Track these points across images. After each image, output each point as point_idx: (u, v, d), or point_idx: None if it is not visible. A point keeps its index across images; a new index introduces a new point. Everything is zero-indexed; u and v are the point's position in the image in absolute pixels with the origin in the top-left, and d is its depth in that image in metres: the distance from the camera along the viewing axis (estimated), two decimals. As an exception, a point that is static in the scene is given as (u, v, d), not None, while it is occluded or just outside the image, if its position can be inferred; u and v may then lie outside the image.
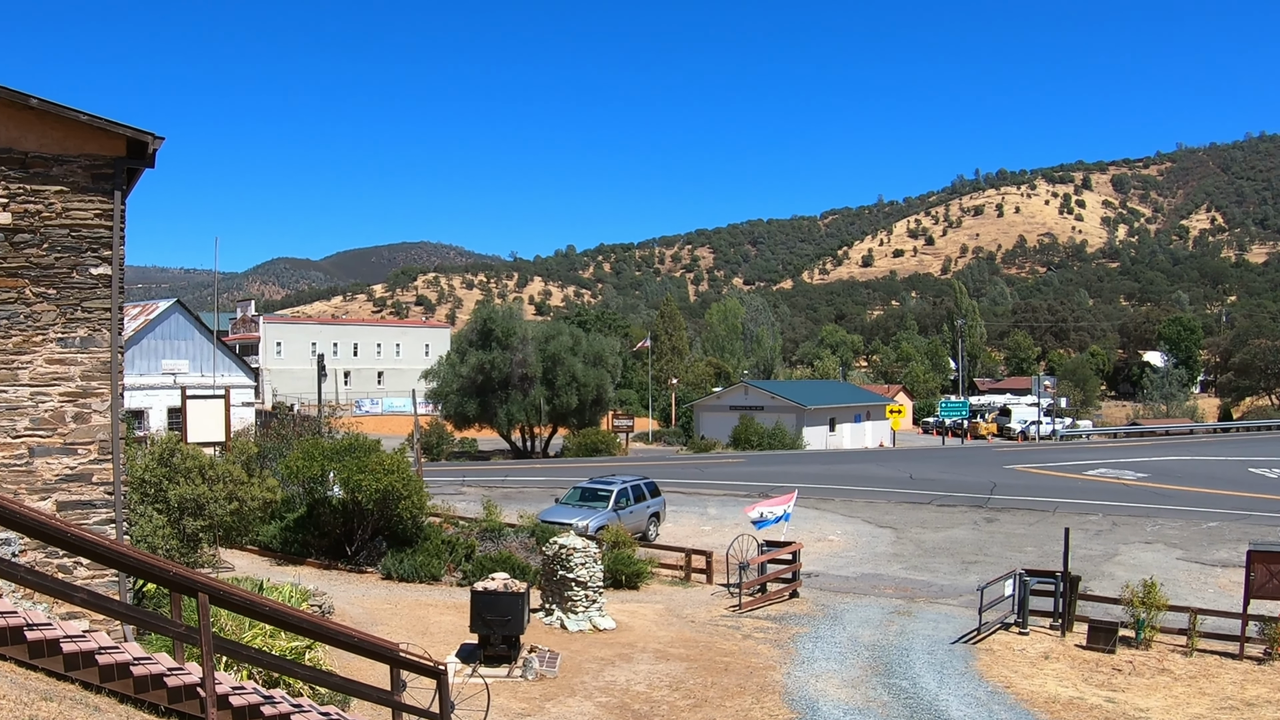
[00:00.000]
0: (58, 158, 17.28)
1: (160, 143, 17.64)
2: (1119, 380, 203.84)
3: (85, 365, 17.59)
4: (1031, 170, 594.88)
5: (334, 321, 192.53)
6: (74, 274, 17.47)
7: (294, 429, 52.45)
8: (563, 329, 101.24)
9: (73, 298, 17.46)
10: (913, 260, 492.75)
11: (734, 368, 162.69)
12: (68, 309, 17.44)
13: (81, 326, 17.54)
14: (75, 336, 17.50)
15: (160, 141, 17.62)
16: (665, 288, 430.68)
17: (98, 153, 17.41)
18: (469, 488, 60.76)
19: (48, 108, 16.99)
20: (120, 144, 17.56)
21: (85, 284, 17.52)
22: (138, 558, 11.57)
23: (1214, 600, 33.61)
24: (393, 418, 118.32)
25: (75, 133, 17.32)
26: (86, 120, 17.16)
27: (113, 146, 17.52)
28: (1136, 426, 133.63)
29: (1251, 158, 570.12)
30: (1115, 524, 49.70)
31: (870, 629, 29.76)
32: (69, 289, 17.42)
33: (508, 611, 23.29)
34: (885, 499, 58.52)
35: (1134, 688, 25.16)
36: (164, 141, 17.59)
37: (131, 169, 17.96)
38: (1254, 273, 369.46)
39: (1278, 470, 75.73)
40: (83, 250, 17.47)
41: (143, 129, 17.43)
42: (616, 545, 36.34)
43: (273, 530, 35.56)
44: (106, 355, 17.73)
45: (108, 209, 17.57)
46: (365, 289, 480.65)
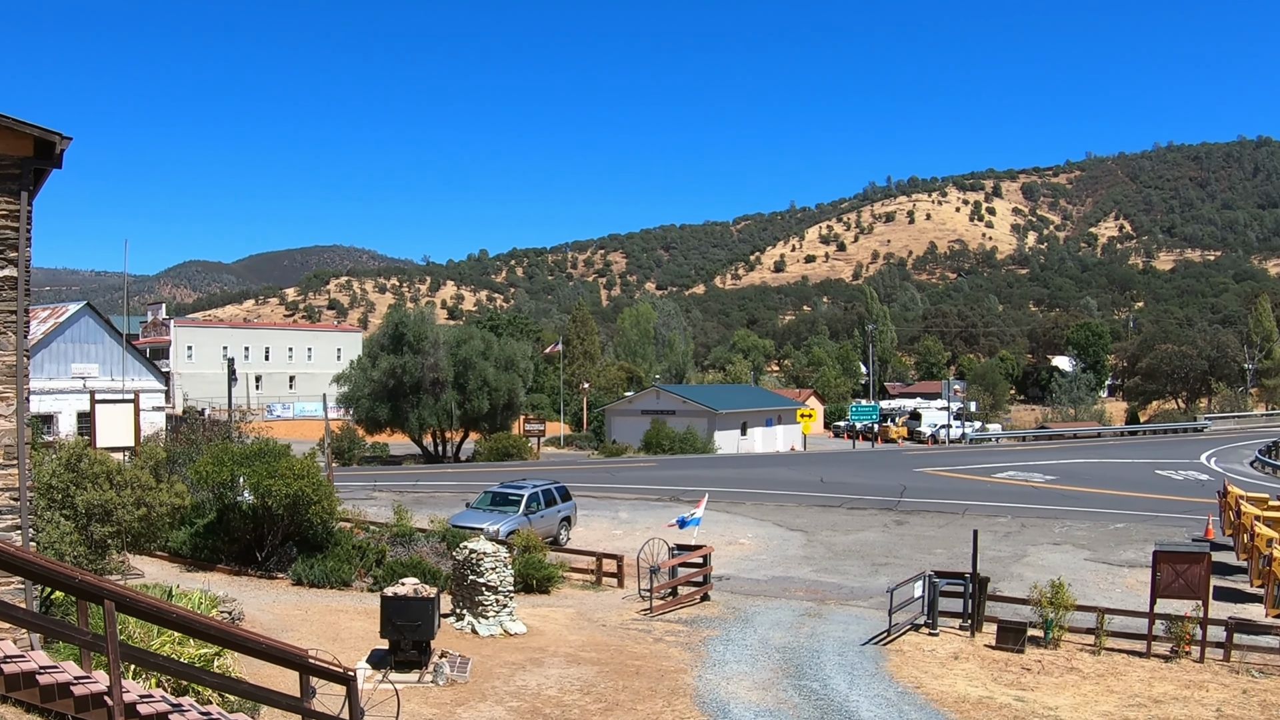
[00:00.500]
0: (-39, 158, 17.02)
1: (68, 143, 17.42)
2: (1028, 384, 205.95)
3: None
4: (943, 178, 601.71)
5: (246, 325, 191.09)
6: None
7: (204, 434, 51.94)
8: (474, 333, 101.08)
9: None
10: (825, 266, 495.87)
11: (646, 372, 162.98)
12: (-29, 312, 17.17)
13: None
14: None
15: (68, 142, 17.40)
16: (578, 292, 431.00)
17: (3, 153, 17.15)
18: (380, 493, 60.51)
19: (-49, 108, 16.71)
20: (27, 144, 17.32)
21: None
22: (43, 565, 11.46)
23: (1121, 600, 34.02)
24: (304, 422, 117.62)
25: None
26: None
27: (19, 146, 17.27)
28: (1045, 430, 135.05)
29: (1159, 167, 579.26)
30: (1024, 526, 50.22)
31: (781, 631, 29.87)
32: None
33: (418, 617, 23.17)
34: (796, 502, 58.79)
35: (1043, 686, 25.43)
36: (72, 141, 17.36)
37: (39, 169, 17.72)
38: (1161, 279, 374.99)
39: (1184, 472, 76.82)
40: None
41: (50, 129, 17.20)
42: (527, 550, 36.29)
43: (183, 536, 35.17)
44: (12, 359, 17.48)
45: (13, 210, 17.32)
46: (278, 292, 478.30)
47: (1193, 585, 28.90)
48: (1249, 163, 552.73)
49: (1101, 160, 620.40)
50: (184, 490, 28.42)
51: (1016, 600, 31.22)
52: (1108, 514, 53.84)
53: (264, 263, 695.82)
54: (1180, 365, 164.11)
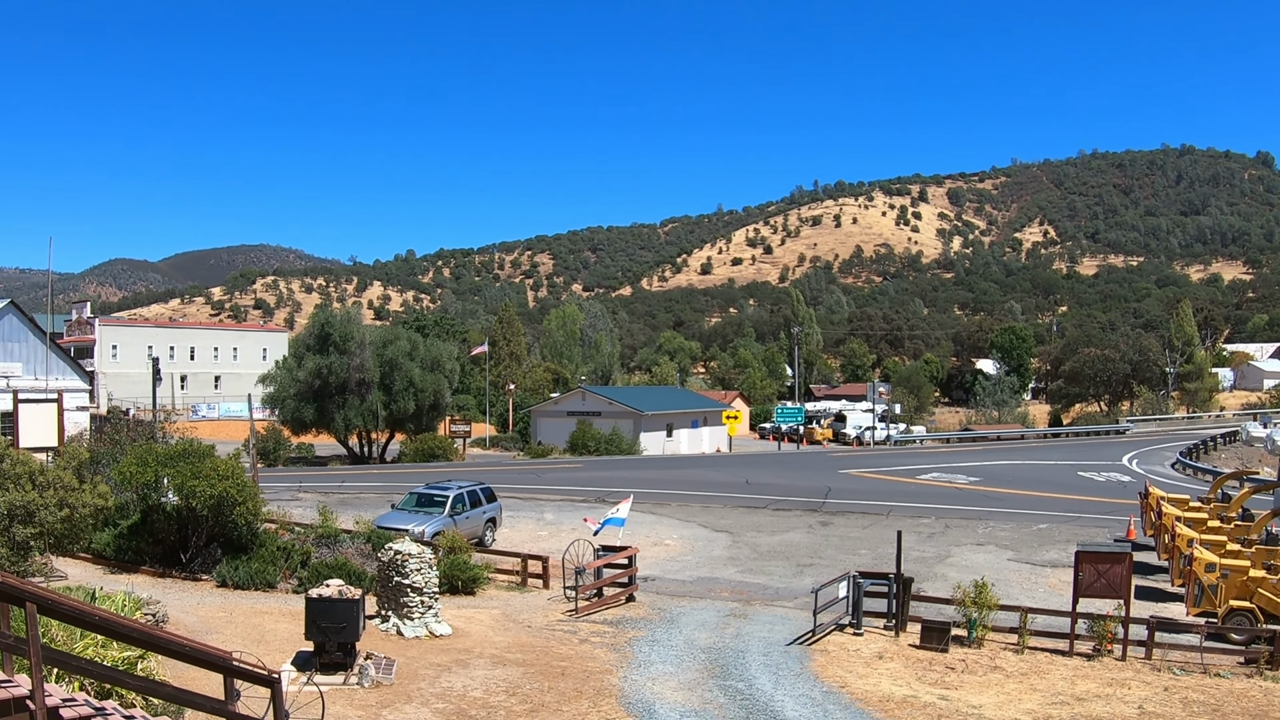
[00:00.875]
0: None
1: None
2: (952, 387, 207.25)
3: (-89, 369, 17.19)
4: (869, 182, 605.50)
5: (171, 325, 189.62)
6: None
7: (129, 434, 51.50)
8: (401, 334, 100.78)
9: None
10: (751, 269, 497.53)
11: (572, 374, 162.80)
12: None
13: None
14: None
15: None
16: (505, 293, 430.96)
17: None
18: (305, 494, 60.26)
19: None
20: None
21: (-89, 286, 17.08)
22: (-35, 566, 11.42)
23: (1044, 599, 34.50)
24: (229, 423, 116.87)
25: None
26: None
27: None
28: (969, 432, 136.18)
29: (1084, 174, 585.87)
30: (948, 526, 50.68)
31: (706, 632, 30.02)
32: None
33: (343, 618, 23.11)
34: (721, 504, 59.00)
35: (967, 685, 25.72)
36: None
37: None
38: (1084, 284, 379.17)
39: (1106, 474, 77.65)
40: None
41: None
42: (453, 551, 36.22)
43: (106, 538, 34.90)
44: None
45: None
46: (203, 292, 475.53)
47: (1115, 585, 29.32)
48: (1172, 170, 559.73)
49: (1027, 166, 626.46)
50: (107, 491, 28.28)
51: (940, 600, 31.55)
52: (1031, 515, 54.42)
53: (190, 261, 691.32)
54: (1103, 369, 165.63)
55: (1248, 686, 26.61)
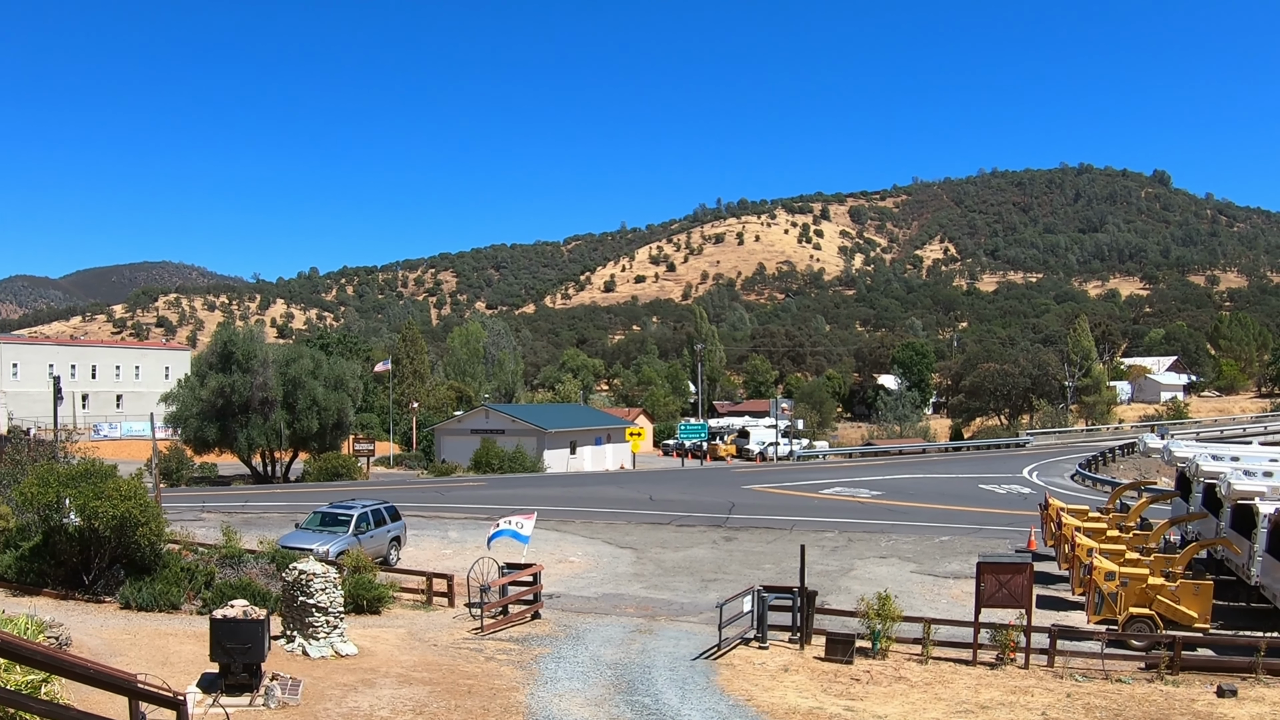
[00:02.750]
0: None
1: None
2: (855, 402, 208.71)
3: None
4: (772, 200, 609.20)
5: (72, 343, 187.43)
6: None
7: (29, 454, 51.02)
8: (304, 352, 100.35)
9: None
10: (655, 286, 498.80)
11: (476, 391, 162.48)
12: None
13: None
14: None
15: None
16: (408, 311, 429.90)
17: None
18: (209, 514, 59.81)
19: None
20: None
21: None
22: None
23: (947, 610, 34.92)
24: (132, 442, 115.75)
25: None
26: None
27: None
28: (871, 447, 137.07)
29: (984, 192, 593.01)
30: (851, 540, 51.17)
31: (612, 648, 30.18)
32: None
33: (248, 639, 23.06)
34: (626, 520, 59.21)
35: (872, 696, 26.06)
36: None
37: None
38: (984, 300, 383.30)
39: (1007, 486, 78.76)
40: None
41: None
42: (358, 570, 36.16)
43: (7, 559, 34.58)
44: None
45: None
46: (105, 309, 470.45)
47: (1016, 595, 29.80)
48: (1070, 188, 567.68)
49: (927, 185, 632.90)
50: (9, 513, 28.12)
51: (844, 613, 31.96)
52: (933, 527, 55.09)
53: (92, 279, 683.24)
54: (1003, 383, 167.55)
55: (1149, 691, 27.19)
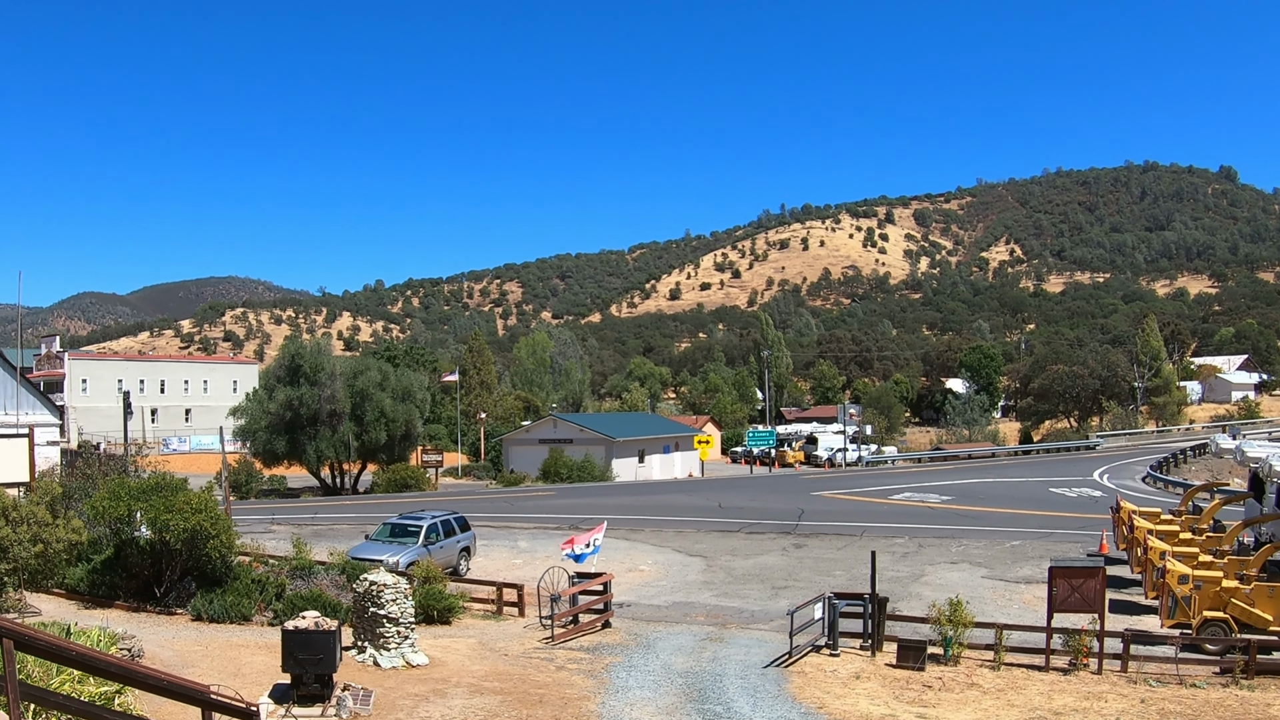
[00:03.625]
0: None
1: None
2: (923, 407, 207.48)
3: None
4: (836, 205, 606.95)
5: (141, 358, 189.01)
6: None
7: (100, 468, 51.35)
8: (371, 364, 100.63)
9: None
10: (720, 293, 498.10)
11: (543, 401, 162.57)
12: None
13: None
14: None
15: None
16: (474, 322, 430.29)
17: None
18: (279, 525, 60.12)
19: None
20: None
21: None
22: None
23: (1019, 616, 34.56)
24: (201, 456, 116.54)
25: None
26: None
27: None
28: (940, 451, 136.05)
29: (1048, 192, 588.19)
30: (921, 546, 50.70)
31: (683, 656, 30.01)
32: None
33: (320, 650, 23.06)
34: (695, 528, 58.99)
35: (944, 703, 25.78)
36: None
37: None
38: (1051, 301, 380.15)
39: (1077, 490, 77.89)
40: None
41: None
42: (428, 580, 36.17)
43: (80, 573, 34.77)
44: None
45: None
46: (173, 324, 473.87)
47: (1089, 599, 29.43)
48: (1136, 187, 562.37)
49: (992, 186, 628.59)
50: (81, 526, 28.22)
51: (916, 619, 31.64)
52: (1004, 532, 54.51)
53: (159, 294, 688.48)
54: (1072, 385, 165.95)
55: (1224, 696, 26.77)
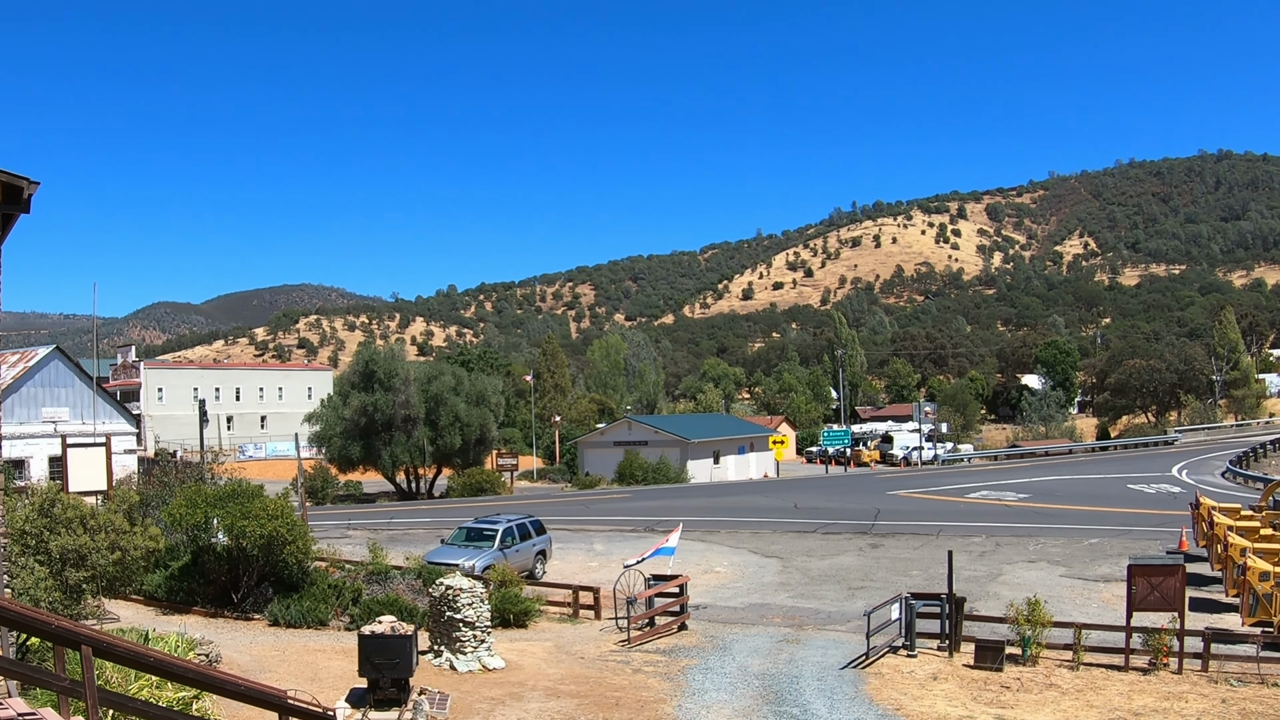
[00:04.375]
0: (-71, 207, 16.98)
1: (36, 187, 17.38)
2: (998, 404, 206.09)
3: (-40, 418, 17.33)
4: (907, 201, 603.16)
5: (216, 366, 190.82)
6: (-53, 324, 17.21)
7: (177, 476, 51.78)
8: (445, 369, 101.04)
9: (-54, 349, 17.18)
10: (792, 292, 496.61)
11: (617, 403, 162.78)
12: (-58, 361, 17.18)
13: (-44, 378, 17.28)
14: (-50, 389, 17.24)
15: (36, 186, 17.36)
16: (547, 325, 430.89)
17: (-31, 201, 17.12)
18: (355, 531, 60.36)
19: (-83, 157, 16.71)
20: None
21: (-40, 335, 17.27)
22: (20, 611, 11.44)
23: (1098, 615, 34.12)
24: (277, 462, 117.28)
25: (-55, 180, 17.02)
26: (-44, 167, 16.86)
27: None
28: (1017, 449, 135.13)
29: (1122, 184, 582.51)
30: (998, 544, 50.27)
31: (759, 658, 29.86)
32: (-58, 340, 17.15)
33: (396, 654, 23.11)
34: (771, 529, 58.77)
35: (1023, 704, 25.48)
36: (40, 186, 17.33)
37: (6, 215, 17.71)
38: (1127, 295, 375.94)
39: (1156, 486, 77.10)
40: (-43, 300, 17.19)
41: (17, 173, 17.17)
42: (503, 584, 36.19)
43: (157, 579, 35.07)
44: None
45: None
46: (247, 332, 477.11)
47: (1168, 597, 29.02)
48: (1210, 176, 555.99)
49: (1064, 179, 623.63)
50: (158, 533, 28.35)
51: (993, 619, 31.28)
52: (1081, 530, 53.94)
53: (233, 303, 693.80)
54: (1149, 379, 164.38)
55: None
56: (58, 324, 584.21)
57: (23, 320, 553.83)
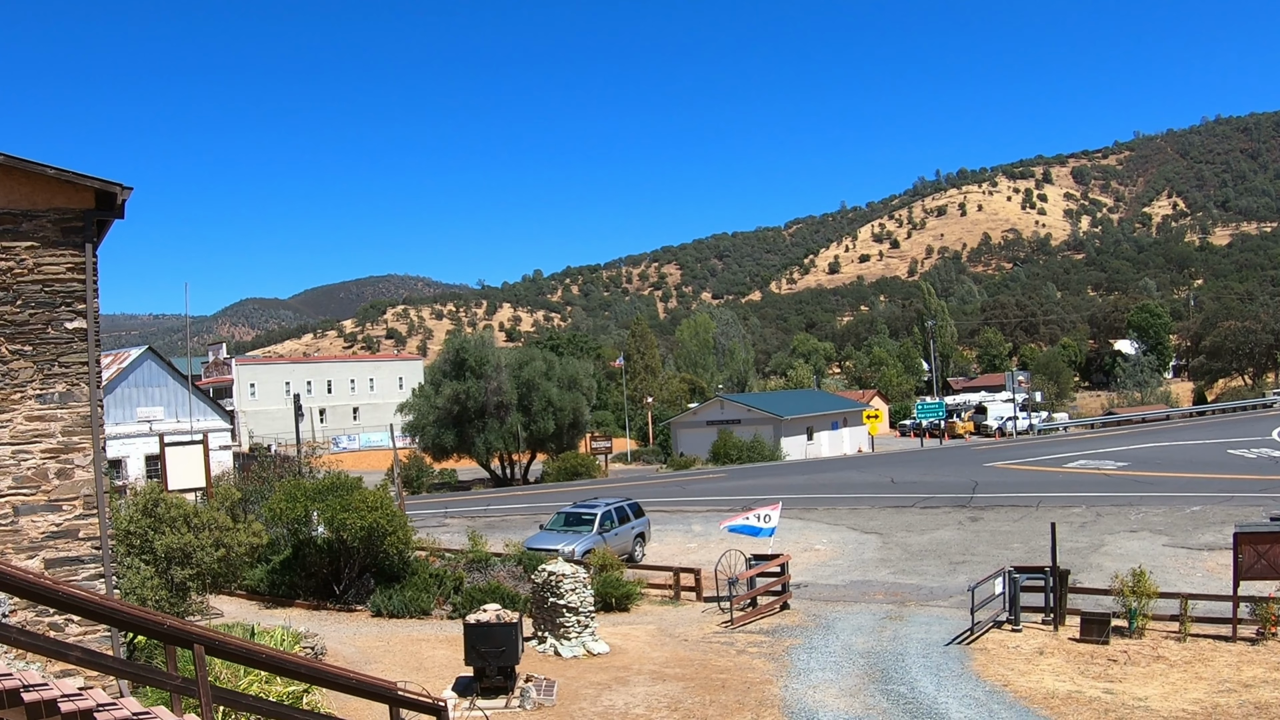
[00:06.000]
0: (26, 213, 17.16)
1: (129, 193, 17.53)
2: (1092, 371, 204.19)
3: (65, 420, 17.47)
4: (992, 168, 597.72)
5: (306, 360, 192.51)
6: (49, 329, 17.36)
7: (275, 470, 52.25)
8: (535, 354, 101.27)
9: (49, 353, 17.34)
10: (879, 264, 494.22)
11: (708, 382, 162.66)
12: (45, 365, 17.32)
13: (60, 382, 17.42)
14: (54, 392, 17.38)
15: (129, 192, 17.51)
16: (634, 307, 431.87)
17: (66, 206, 17.30)
18: (452, 519, 60.63)
19: (13, 163, 16.86)
20: (89, 196, 17.46)
21: (61, 339, 17.42)
22: (131, 613, 11.48)
23: (1203, 584, 33.64)
24: (371, 453, 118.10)
25: (43, 187, 17.20)
26: (54, 174, 17.05)
27: (81, 199, 17.41)
28: (1113, 416, 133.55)
29: (1209, 141, 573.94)
30: (1099, 515, 49.71)
31: (863, 636, 29.71)
32: (45, 345, 17.31)
33: (502, 642, 23.16)
34: (868, 505, 58.44)
35: (1131, 677, 25.19)
36: (132, 191, 17.45)
37: (101, 220, 17.86)
38: (1218, 255, 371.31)
39: (1257, 450, 75.96)
40: (57, 305, 17.38)
41: (110, 180, 17.32)
42: (604, 568, 36.19)
43: (259, 573, 35.39)
44: (86, 409, 17.61)
45: (79, 262, 17.48)
46: (335, 325, 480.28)
47: (1276, 565, 28.49)
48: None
49: (1150, 139, 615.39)
50: (261, 529, 28.63)
51: (1098, 591, 30.95)
52: (1182, 497, 53.18)
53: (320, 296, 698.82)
54: (1245, 341, 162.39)
55: None
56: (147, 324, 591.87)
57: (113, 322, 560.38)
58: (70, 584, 13.51)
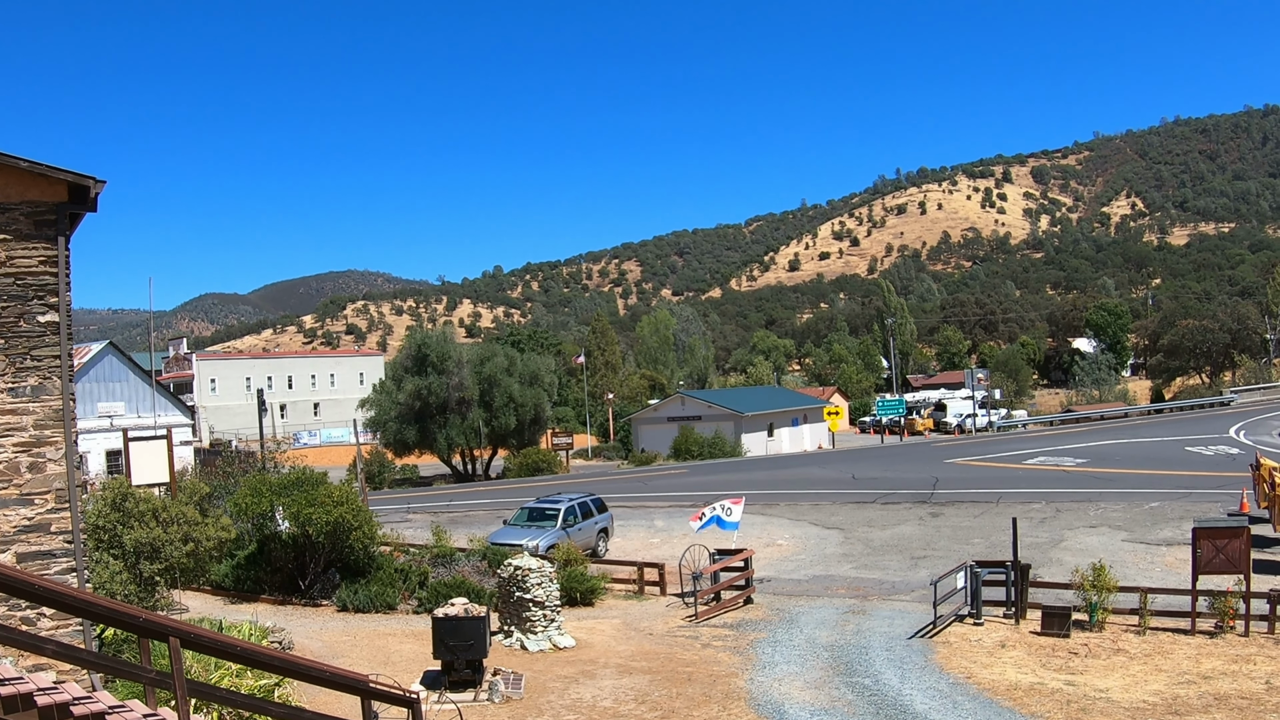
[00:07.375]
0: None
1: (102, 186, 17.54)
2: (1050, 369, 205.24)
3: (37, 414, 17.46)
4: (952, 166, 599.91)
5: (267, 355, 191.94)
6: (21, 322, 17.34)
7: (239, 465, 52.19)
8: (497, 350, 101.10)
9: (21, 346, 17.33)
10: (839, 262, 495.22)
11: (669, 379, 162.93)
12: (17, 358, 17.31)
13: (31, 375, 17.42)
14: (26, 386, 17.37)
15: (102, 185, 17.53)
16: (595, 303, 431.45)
17: (39, 199, 17.29)
18: (415, 514, 60.62)
19: (-13, 156, 16.85)
20: (62, 189, 17.46)
21: (33, 332, 17.41)
22: (108, 606, 11.54)
23: (1162, 579, 33.94)
24: (332, 448, 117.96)
25: (15, 180, 17.19)
26: (26, 167, 17.04)
27: (54, 192, 17.40)
28: (1071, 413, 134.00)
29: (1168, 142, 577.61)
30: (1059, 510, 50.13)
31: (827, 630, 29.91)
32: (17, 338, 17.29)
33: (470, 636, 23.26)
34: (830, 500, 58.77)
35: (1092, 669, 25.49)
36: (105, 185, 17.48)
37: (74, 214, 17.86)
38: (1176, 255, 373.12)
39: (1214, 447, 76.54)
40: (29, 298, 17.36)
41: (83, 173, 17.33)
42: (569, 563, 36.31)
43: (225, 569, 35.35)
44: (58, 403, 17.61)
45: (52, 255, 17.47)
46: (295, 320, 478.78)
47: (1233, 560, 28.89)
48: (1257, 132, 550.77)
49: (1110, 139, 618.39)
50: (229, 524, 28.66)
51: (1058, 585, 31.29)
52: (1141, 494, 53.68)
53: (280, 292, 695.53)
54: (1202, 340, 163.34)
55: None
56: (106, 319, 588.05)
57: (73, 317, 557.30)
58: (44, 577, 13.56)
